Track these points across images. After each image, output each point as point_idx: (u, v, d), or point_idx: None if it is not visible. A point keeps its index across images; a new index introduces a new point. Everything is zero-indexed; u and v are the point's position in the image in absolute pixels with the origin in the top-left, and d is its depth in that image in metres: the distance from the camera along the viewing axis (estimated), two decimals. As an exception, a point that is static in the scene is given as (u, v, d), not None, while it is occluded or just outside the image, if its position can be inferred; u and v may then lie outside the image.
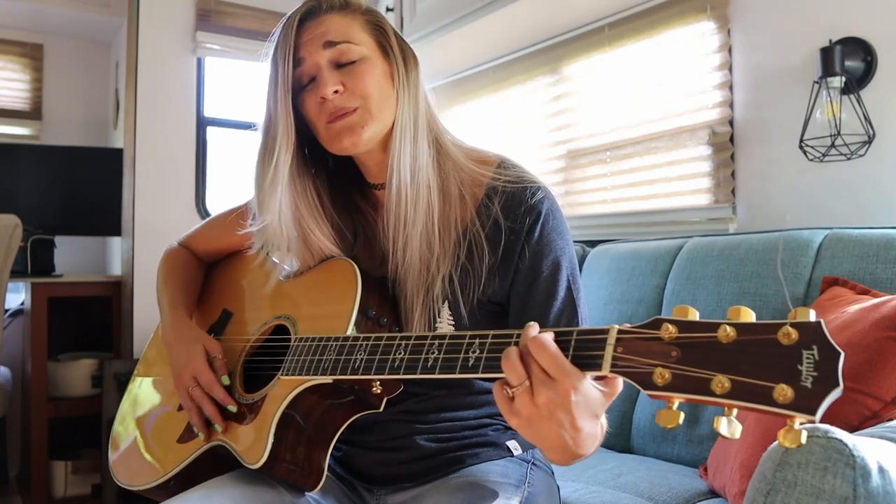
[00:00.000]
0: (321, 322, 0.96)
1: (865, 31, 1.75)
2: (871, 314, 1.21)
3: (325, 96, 0.96)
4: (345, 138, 0.97)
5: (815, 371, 0.52)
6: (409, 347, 0.80)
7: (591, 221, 2.57)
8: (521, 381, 0.67)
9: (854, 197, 1.79)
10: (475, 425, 1.03)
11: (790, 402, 0.52)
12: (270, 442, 0.90)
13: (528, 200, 0.97)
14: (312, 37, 0.98)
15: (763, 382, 0.54)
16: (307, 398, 0.92)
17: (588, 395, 0.67)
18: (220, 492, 0.94)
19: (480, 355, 0.73)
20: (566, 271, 0.97)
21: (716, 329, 0.58)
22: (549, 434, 0.69)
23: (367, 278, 0.97)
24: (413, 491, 1.00)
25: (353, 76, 0.97)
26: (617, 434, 1.77)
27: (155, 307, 1.22)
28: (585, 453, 0.73)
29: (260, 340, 1.08)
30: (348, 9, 1.02)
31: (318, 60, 0.97)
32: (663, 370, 0.59)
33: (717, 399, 0.56)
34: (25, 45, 3.44)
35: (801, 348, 0.54)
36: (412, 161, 0.98)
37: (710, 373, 0.57)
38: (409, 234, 0.97)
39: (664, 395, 0.60)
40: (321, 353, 0.89)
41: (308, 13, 1.00)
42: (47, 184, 3.05)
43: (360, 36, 1.00)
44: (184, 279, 1.22)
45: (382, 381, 0.91)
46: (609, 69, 2.51)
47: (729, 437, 0.57)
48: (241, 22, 3.22)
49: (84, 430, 2.93)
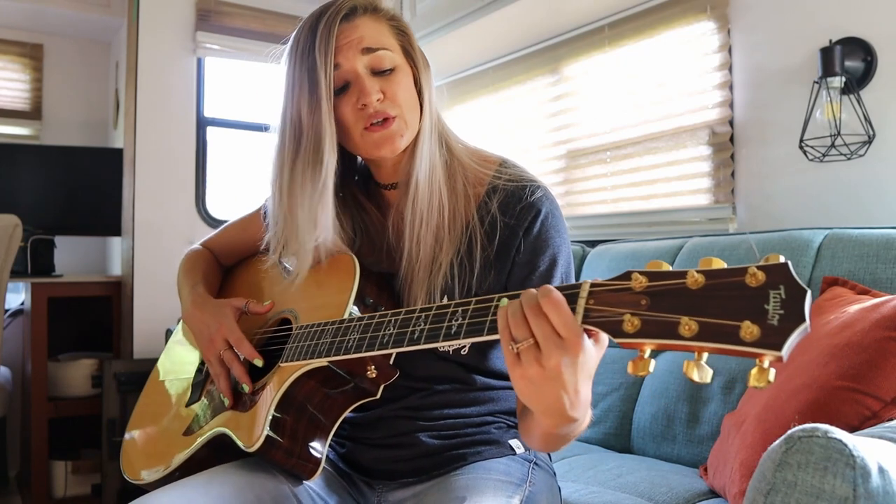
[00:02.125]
0: (320, 312, 0.98)
1: (865, 31, 1.75)
2: (871, 314, 1.21)
3: (369, 104, 0.96)
4: (384, 147, 0.98)
5: (782, 309, 0.53)
6: (399, 322, 0.82)
7: (591, 221, 2.57)
8: (527, 336, 0.68)
9: (854, 197, 1.79)
10: (478, 422, 1.04)
11: (757, 339, 0.53)
12: (267, 425, 0.91)
13: (527, 198, 0.99)
14: (349, 41, 0.97)
15: (730, 322, 0.55)
16: (305, 384, 0.94)
17: (589, 354, 0.68)
18: (220, 478, 0.95)
19: (462, 322, 0.75)
20: (561, 268, 0.99)
21: (685, 276, 0.59)
22: (550, 397, 0.70)
23: (365, 271, 0.99)
24: (415, 488, 1.01)
25: (391, 84, 0.98)
26: (617, 434, 1.77)
27: (155, 307, 1.23)
28: (579, 418, 0.74)
29: (268, 333, 1.10)
30: (378, 13, 1.02)
31: (356, 66, 0.97)
32: (633, 317, 0.60)
33: (686, 342, 0.57)
34: (25, 45, 3.44)
35: (768, 288, 0.54)
36: (430, 164, 1.00)
37: (678, 316, 0.57)
38: (423, 233, 0.99)
39: (634, 342, 0.60)
40: (318, 337, 0.92)
41: (343, 17, 0.98)
42: (47, 184, 3.05)
43: (390, 41, 1.00)
44: (203, 272, 1.24)
45: (377, 365, 0.93)
46: (609, 69, 2.51)
47: (700, 382, 0.58)
48: (241, 22, 3.22)
49: (84, 430, 2.93)
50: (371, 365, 0.93)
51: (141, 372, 2.65)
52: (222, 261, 1.31)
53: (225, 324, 1.05)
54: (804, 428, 0.80)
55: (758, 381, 0.53)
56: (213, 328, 1.06)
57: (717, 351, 0.55)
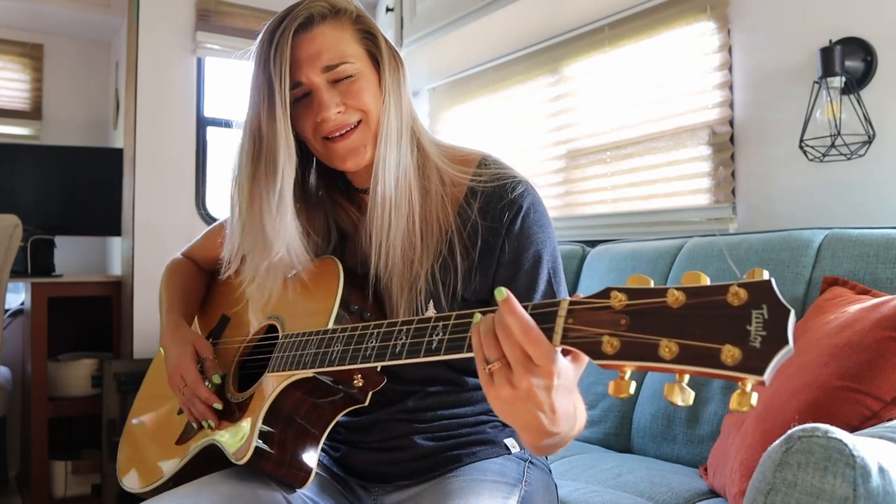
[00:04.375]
0: (306, 319, 0.98)
1: (865, 31, 1.75)
2: (871, 314, 1.21)
3: (327, 119, 0.95)
4: (349, 160, 0.98)
5: (764, 330, 0.50)
6: (380, 335, 0.81)
7: (591, 221, 2.57)
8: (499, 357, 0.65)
9: (854, 197, 1.79)
10: (472, 423, 1.03)
11: (738, 363, 0.51)
12: (256, 438, 0.90)
13: (507, 195, 0.97)
14: (308, 56, 0.95)
15: (710, 345, 0.52)
16: (293, 394, 0.93)
17: (565, 375, 0.66)
18: (209, 488, 0.95)
19: (443, 337, 0.73)
20: (547, 264, 0.97)
21: (665, 294, 0.56)
22: (526, 415, 0.68)
23: (350, 275, 0.98)
24: (411, 490, 1.00)
25: (351, 94, 0.97)
26: (617, 434, 1.77)
27: (155, 307, 1.24)
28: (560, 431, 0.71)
29: (254, 341, 1.09)
30: (339, 17, 0.98)
31: (313, 79, 0.96)
32: (612, 338, 0.58)
33: (666, 365, 0.55)
34: (25, 45, 3.44)
35: (751, 308, 0.52)
36: (396, 166, 0.98)
37: (658, 338, 0.55)
38: (392, 237, 0.97)
39: (614, 364, 0.58)
40: (303, 347, 0.91)
41: (300, 27, 0.96)
42: (47, 184, 3.05)
43: (352, 49, 0.98)
44: (181, 286, 1.24)
45: (364, 374, 0.92)
46: (609, 69, 2.51)
47: (683, 405, 0.55)
48: (241, 22, 3.22)
49: (84, 430, 2.93)
50: (358, 374, 0.92)
51: (141, 372, 2.62)
52: (205, 268, 1.30)
53: (181, 364, 1.06)
54: (804, 428, 0.80)
55: (739, 406, 0.51)
56: (173, 364, 1.07)
57: (698, 374, 0.54)
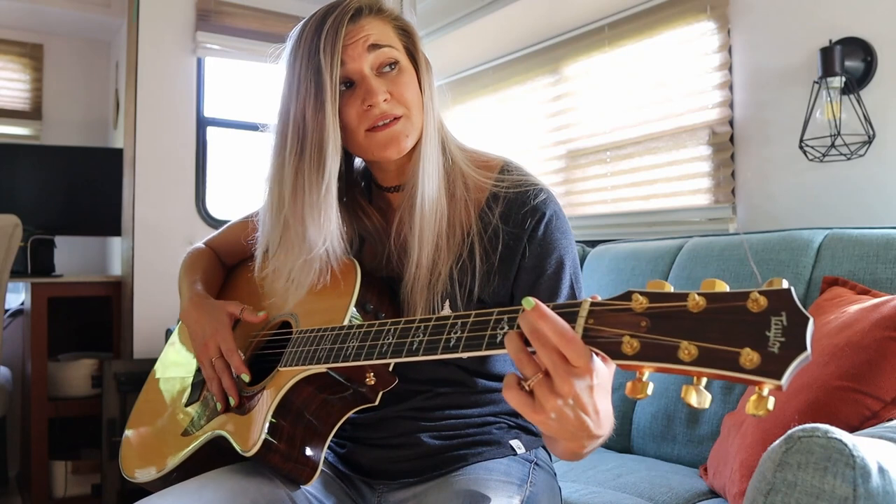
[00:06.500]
0: (321, 316, 0.98)
1: (865, 31, 1.75)
2: (871, 314, 1.21)
3: (375, 104, 0.95)
4: (390, 147, 0.97)
5: (783, 336, 0.52)
6: (398, 332, 0.81)
7: (591, 221, 2.57)
8: (534, 371, 0.65)
9: (854, 197, 1.79)
10: (479, 423, 1.04)
11: (756, 367, 0.52)
12: (265, 430, 0.90)
13: (530, 202, 0.98)
14: (355, 41, 0.96)
15: (729, 348, 0.54)
16: (304, 389, 0.93)
17: (603, 374, 0.66)
18: (214, 482, 0.95)
19: (461, 335, 0.73)
20: (569, 270, 0.98)
21: (685, 298, 0.58)
22: (574, 423, 0.67)
23: (367, 276, 0.99)
24: (415, 488, 1.00)
25: (397, 84, 0.97)
26: (617, 434, 1.77)
27: (155, 307, 1.24)
28: (604, 433, 0.71)
29: (267, 336, 1.09)
30: (382, 13, 1.00)
31: (362, 66, 0.96)
32: (632, 339, 0.59)
33: (685, 367, 0.56)
34: (25, 45, 3.44)
35: (770, 315, 0.53)
36: (434, 166, 0.99)
37: (678, 341, 0.56)
38: (425, 237, 0.97)
39: (633, 365, 0.59)
40: (317, 343, 0.91)
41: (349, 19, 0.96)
42: (47, 184, 3.05)
43: (395, 41, 1.00)
44: (204, 269, 1.24)
45: (376, 373, 0.92)
46: (609, 69, 2.51)
47: (698, 408, 0.57)
48: (241, 22, 3.22)
49: (84, 430, 2.93)
50: (370, 372, 0.92)
51: (141, 372, 2.64)
52: (225, 260, 1.31)
53: (220, 331, 1.04)
54: (804, 428, 0.80)
55: (756, 409, 0.53)
56: (208, 332, 1.05)
57: (717, 377, 0.54)
